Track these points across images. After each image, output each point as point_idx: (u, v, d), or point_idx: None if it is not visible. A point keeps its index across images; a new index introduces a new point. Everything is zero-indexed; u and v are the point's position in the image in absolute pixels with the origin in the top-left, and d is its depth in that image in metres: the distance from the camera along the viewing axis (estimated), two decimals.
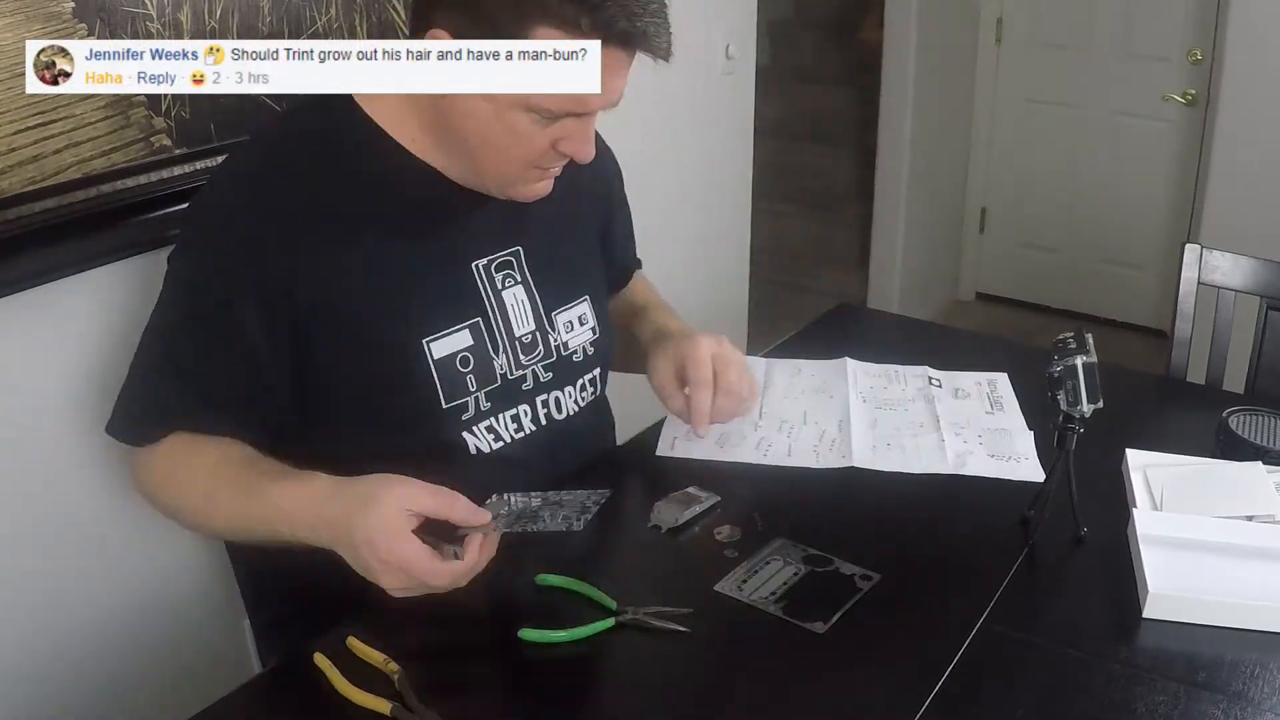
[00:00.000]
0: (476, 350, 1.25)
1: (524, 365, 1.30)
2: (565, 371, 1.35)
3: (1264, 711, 1.02)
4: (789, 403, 1.55)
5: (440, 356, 1.23)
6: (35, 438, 1.43)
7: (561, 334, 1.34)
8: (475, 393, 1.25)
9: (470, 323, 1.26)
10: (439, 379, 1.23)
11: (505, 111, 1.14)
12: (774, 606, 1.12)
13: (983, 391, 1.58)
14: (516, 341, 1.29)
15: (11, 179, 1.32)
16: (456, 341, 1.24)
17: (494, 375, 1.27)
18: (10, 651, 1.45)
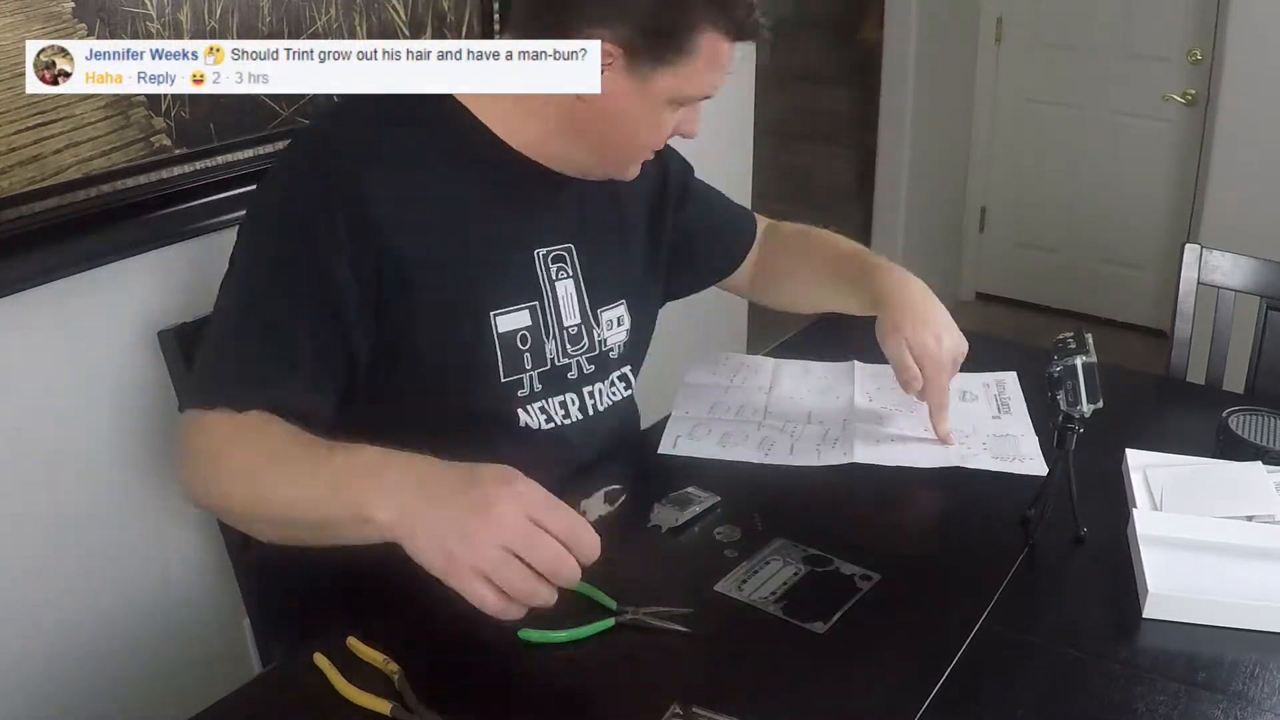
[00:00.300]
0: (533, 331, 1.30)
1: (570, 354, 1.34)
2: (603, 366, 1.39)
3: (1264, 711, 1.02)
4: (794, 403, 1.55)
5: (504, 331, 1.27)
6: (35, 438, 1.43)
7: (604, 330, 1.38)
8: (529, 371, 1.30)
9: (530, 304, 1.30)
10: (500, 351, 1.27)
11: (656, 106, 1.24)
12: (774, 606, 1.12)
13: (990, 394, 1.58)
14: (565, 331, 1.34)
15: (11, 179, 1.32)
16: (518, 320, 1.29)
17: (545, 359, 1.31)
18: (10, 651, 1.45)
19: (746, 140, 2.70)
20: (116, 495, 1.53)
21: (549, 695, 1.03)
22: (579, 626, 1.07)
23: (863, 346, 1.70)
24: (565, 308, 1.34)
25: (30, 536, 1.45)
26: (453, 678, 1.03)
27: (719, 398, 1.56)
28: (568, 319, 1.34)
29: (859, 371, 1.63)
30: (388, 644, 1.04)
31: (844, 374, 1.63)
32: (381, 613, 1.11)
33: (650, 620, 1.09)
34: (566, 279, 1.35)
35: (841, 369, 1.64)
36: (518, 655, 1.06)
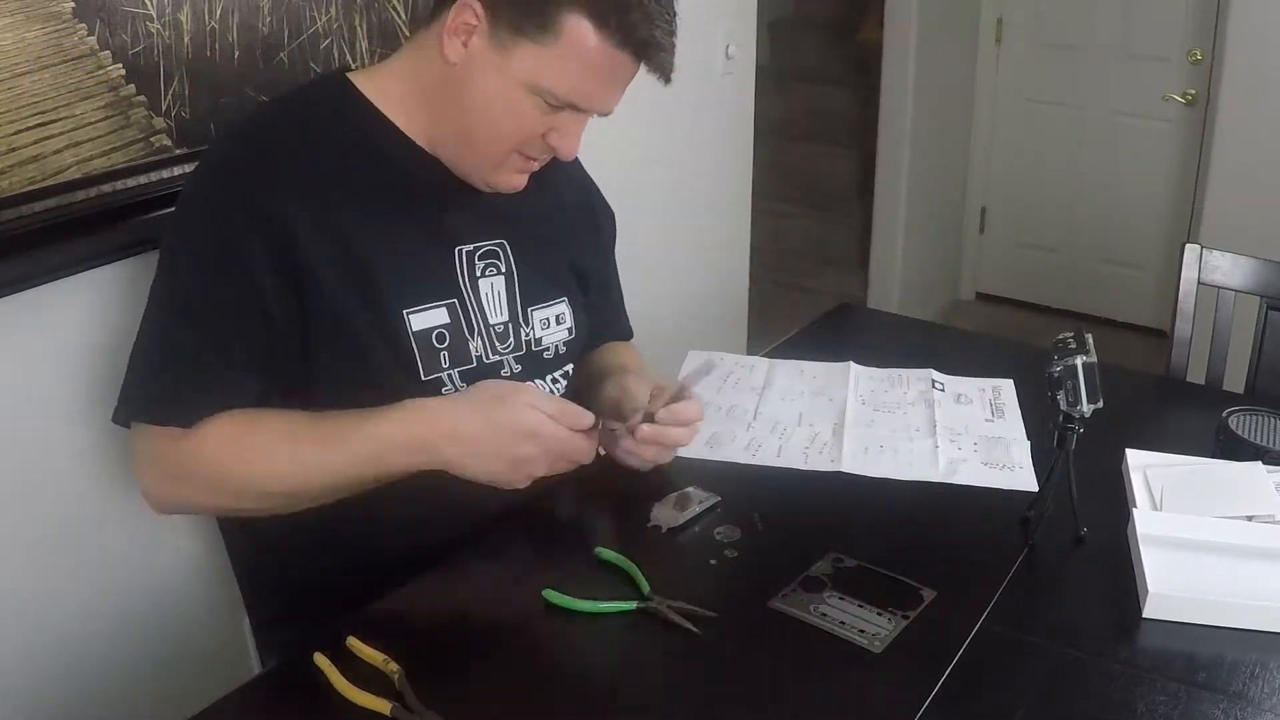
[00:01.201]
0: (453, 329, 1.28)
1: (499, 352, 1.33)
2: (535, 365, 1.37)
3: (1264, 711, 1.02)
4: (786, 404, 1.55)
5: (419, 329, 1.26)
6: (35, 437, 1.43)
7: (536, 329, 1.36)
8: (449, 369, 1.28)
9: (447, 302, 1.29)
10: (417, 350, 1.26)
11: (513, 88, 1.19)
12: (839, 627, 1.11)
13: (985, 398, 1.58)
14: (491, 329, 1.32)
15: (11, 179, 1.32)
16: (434, 317, 1.28)
17: (469, 356, 1.30)
18: (10, 651, 1.45)
19: (746, 140, 2.71)
20: (116, 495, 1.53)
21: (550, 696, 1.03)
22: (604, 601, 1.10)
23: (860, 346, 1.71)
24: (490, 305, 1.32)
25: (29, 537, 1.45)
26: (453, 678, 1.03)
27: (711, 398, 1.56)
28: (493, 316, 1.32)
29: (854, 372, 1.63)
30: (388, 644, 1.04)
31: (839, 374, 1.63)
32: (381, 613, 1.11)
33: (670, 614, 1.10)
34: (496, 275, 1.33)
35: (837, 369, 1.64)
36: (518, 656, 1.06)
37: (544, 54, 1.16)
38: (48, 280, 1.38)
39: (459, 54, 1.19)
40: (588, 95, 1.19)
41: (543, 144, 1.24)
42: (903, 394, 1.58)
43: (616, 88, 1.21)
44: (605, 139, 1.47)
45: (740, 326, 2.85)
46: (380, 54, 1.72)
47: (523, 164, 1.27)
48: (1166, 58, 3.80)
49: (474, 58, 1.19)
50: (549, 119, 1.21)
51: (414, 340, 1.25)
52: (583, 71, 1.17)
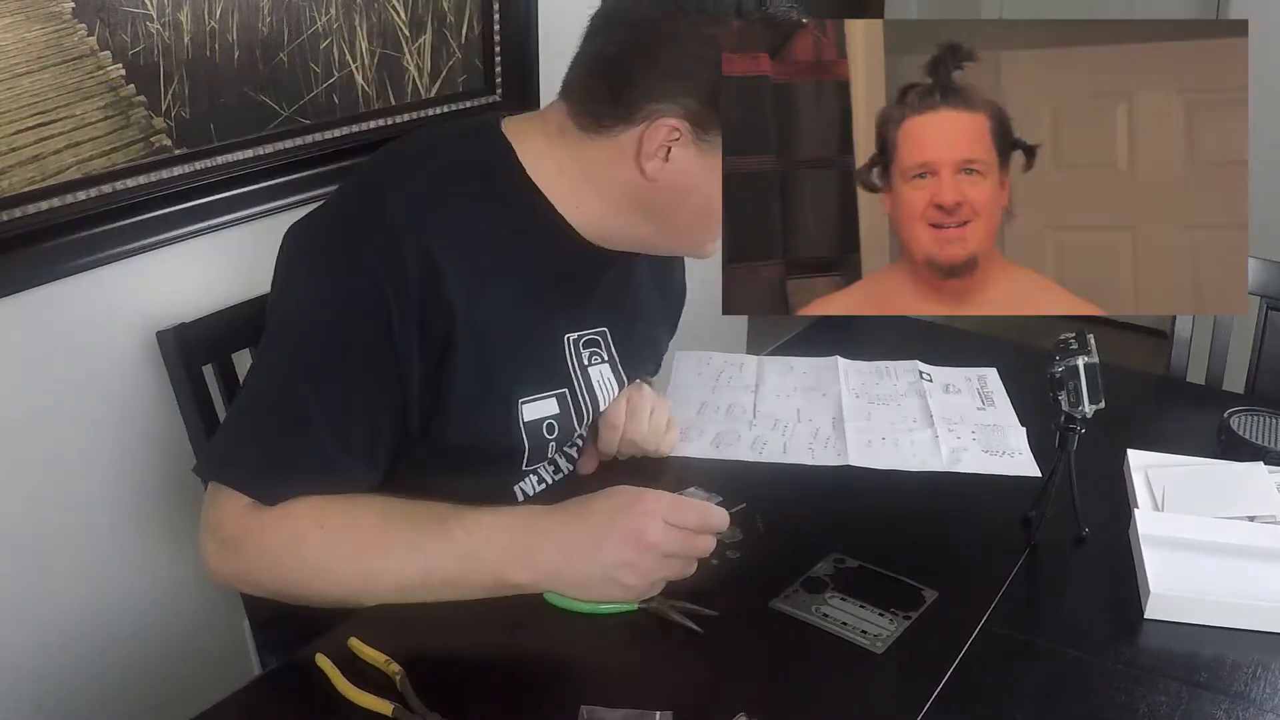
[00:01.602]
0: (561, 420, 1.26)
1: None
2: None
3: (1265, 712, 1.01)
4: (782, 401, 1.55)
5: (530, 419, 1.23)
6: (35, 438, 1.43)
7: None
8: (555, 456, 1.29)
9: (558, 392, 1.26)
10: (527, 439, 1.23)
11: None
12: (840, 628, 1.10)
13: (973, 387, 1.59)
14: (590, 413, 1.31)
15: (11, 179, 1.32)
16: (546, 407, 1.24)
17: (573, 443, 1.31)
18: (10, 651, 1.44)
19: None
20: (116, 496, 1.53)
21: (550, 697, 1.02)
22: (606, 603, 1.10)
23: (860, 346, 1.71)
24: (601, 392, 1.30)
25: (29, 537, 1.44)
26: (455, 679, 1.03)
27: (706, 398, 1.56)
28: (604, 403, 1.31)
29: (843, 366, 1.63)
30: (389, 645, 1.04)
31: (828, 369, 1.63)
32: (383, 613, 1.11)
33: (671, 613, 1.10)
34: (602, 364, 1.30)
35: (824, 364, 1.65)
36: (520, 657, 1.06)
37: None
38: (48, 280, 1.38)
39: (661, 169, 1.13)
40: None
41: None
42: (894, 385, 1.59)
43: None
44: None
45: (740, 326, 2.85)
46: (380, 54, 1.72)
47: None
48: None
49: (680, 167, 1.13)
50: None
51: (524, 430, 1.22)
52: None
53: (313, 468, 1.09)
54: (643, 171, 1.14)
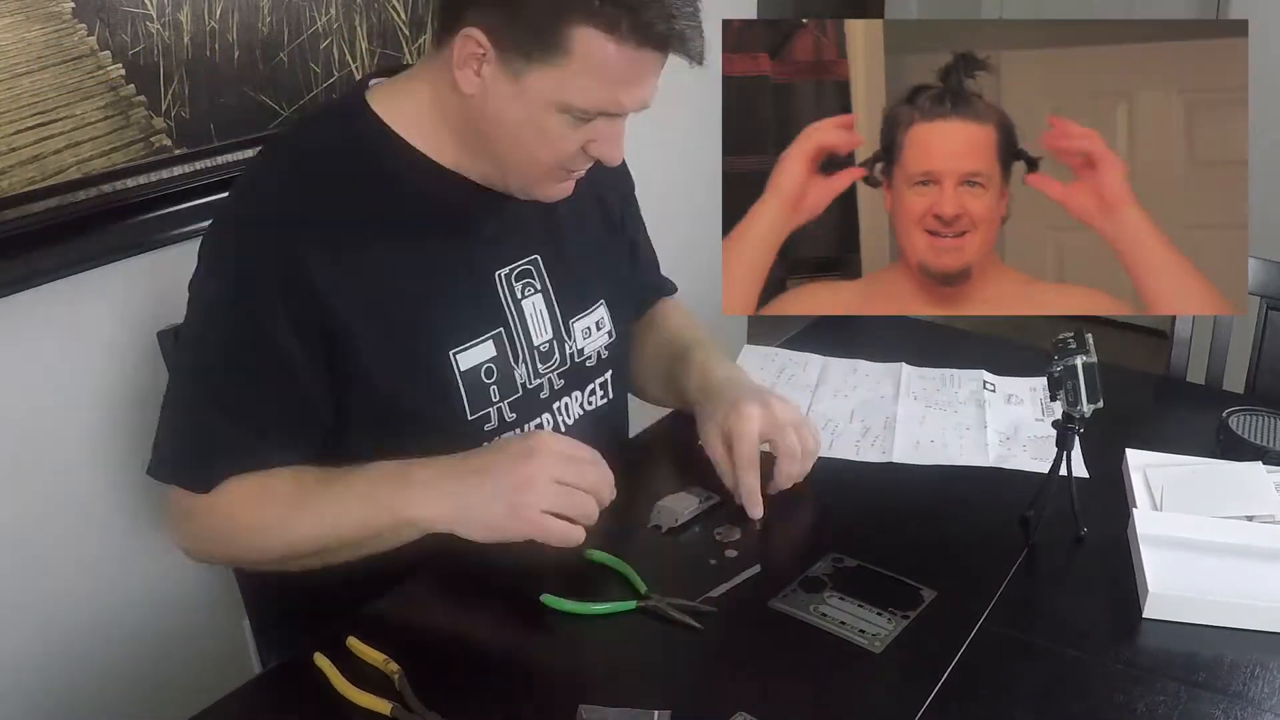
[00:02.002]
0: (499, 361, 1.25)
1: (541, 374, 1.30)
2: (577, 377, 1.34)
3: (1264, 712, 1.02)
4: (839, 401, 1.56)
5: (466, 368, 1.22)
6: (35, 438, 1.43)
7: (578, 340, 1.34)
8: (498, 403, 1.25)
9: (494, 333, 1.25)
10: (465, 391, 1.22)
11: (537, 111, 1.13)
12: (839, 627, 1.10)
13: (1036, 397, 1.58)
14: (535, 350, 1.29)
15: (11, 179, 1.32)
16: (481, 353, 1.24)
17: (515, 386, 1.27)
18: (10, 651, 1.45)
19: None
20: (116, 495, 1.53)
21: (550, 697, 1.02)
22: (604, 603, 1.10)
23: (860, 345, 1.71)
24: (535, 326, 1.28)
25: (29, 536, 1.45)
26: (453, 678, 1.03)
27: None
28: (538, 337, 1.29)
29: (906, 372, 1.64)
30: (388, 644, 1.04)
31: (891, 374, 1.64)
32: (381, 613, 1.11)
33: (671, 611, 1.10)
34: (534, 295, 1.28)
35: (889, 369, 1.65)
36: (519, 656, 1.06)
37: (559, 73, 1.09)
38: (48, 280, 1.38)
39: (474, 84, 1.14)
40: (617, 101, 1.12)
41: (584, 156, 1.18)
42: (954, 393, 1.59)
43: (647, 84, 1.14)
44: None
45: (740, 326, 2.85)
46: (380, 54, 1.72)
47: (566, 175, 1.22)
48: None
49: (490, 87, 1.13)
50: (584, 131, 1.15)
51: (461, 380, 1.22)
52: (606, 81, 1.10)
53: (232, 455, 1.16)
54: (457, 85, 1.14)
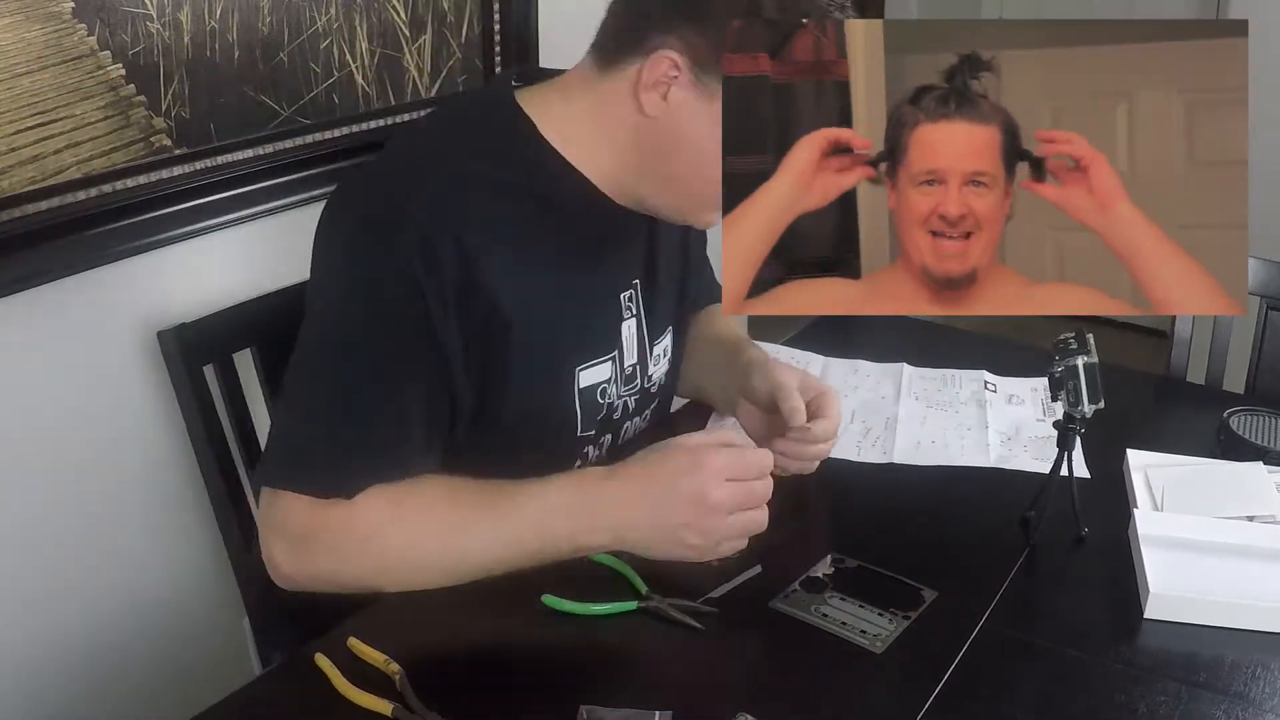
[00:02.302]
0: (613, 384, 1.26)
1: (623, 395, 1.31)
2: (644, 401, 1.35)
3: (1265, 712, 1.02)
4: (840, 401, 1.55)
5: (584, 386, 1.23)
6: (35, 438, 1.43)
7: (652, 364, 1.34)
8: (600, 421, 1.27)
9: (610, 355, 1.26)
10: (580, 408, 1.23)
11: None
12: (840, 628, 1.10)
13: (1037, 398, 1.58)
14: (623, 372, 1.30)
15: (11, 179, 1.32)
16: (599, 373, 1.24)
17: (613, 406, 1.29)
18: (11, 651, 1.45)
19: None
20: (116, 496, 1.53)
21: (550, 697, 1.02)
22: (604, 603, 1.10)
23: (860, 345, 1.71)
24: (628, 349, 1.29)
25: (29, 537, 1.45)
26: (454, 678, 1.03)
27: None
28: (628, 360, 1.29)
29: (907, 372, 1.64)
30: (389, 645, 1.04)
31: (891, 374, 1.64)
32: (383, 613, 1.11)
33: (671, 611, 1.10)
34: (631, 318, 1.29)
35: (890, 369, 1.65)
36: (519, 657, 1.06)
37: None
38: (48, 280, 1.38)
39: (659, 107, 1.12)
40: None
41: None
42: (955, 393, 1.59)
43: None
44: None
45: (740, 326, 2.85)
46: (380, 54, 1.72)
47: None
48: None
49: (677, 108, 1.11)
50: None
51: (579, 398, 1.22)
52: None
53: (377, 458, 1.09)
54: (641, 107, 1.12)
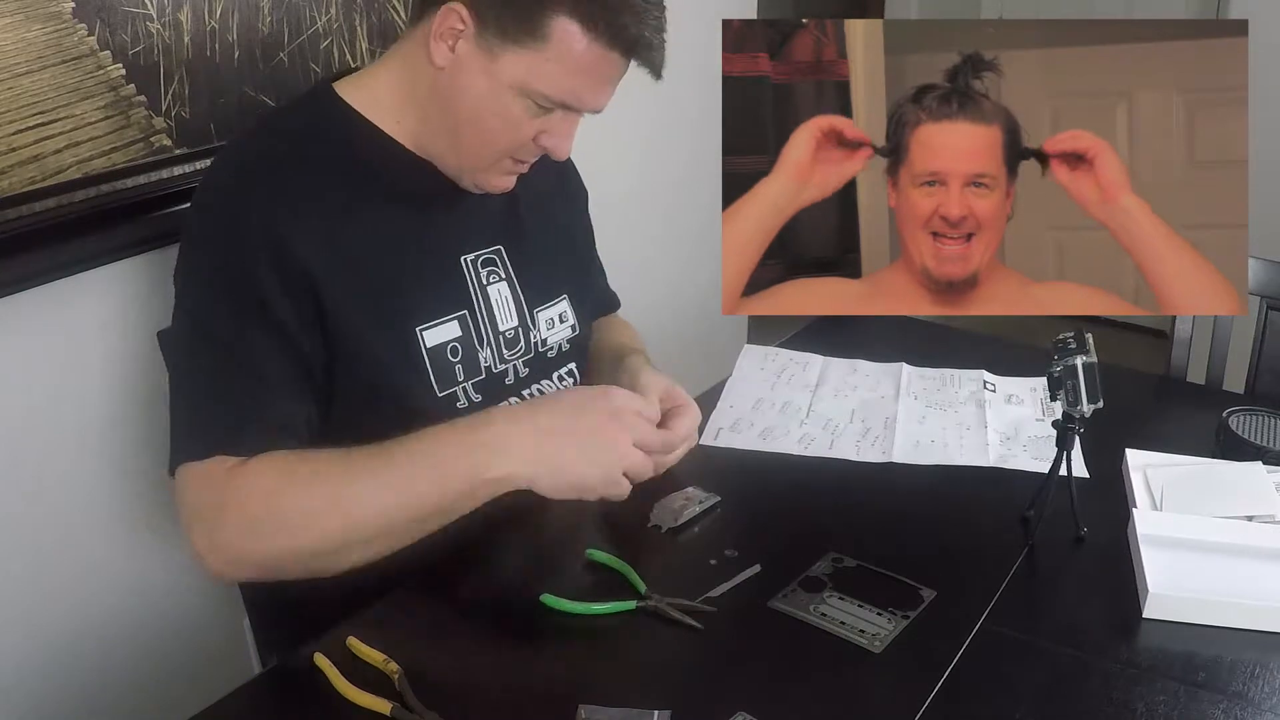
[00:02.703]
0: (464, 341, 1.28)
1: (507, 360, 1.33)
2: (541, 366, 1.38)
3: (1264, 712, 1.02)
4: (839, 400, 1.57)
5: (432, 345, 1.26)
6: (35, 437, 1.43)
7: (542, 330, 1.37)
8: (463, 382, 1.28)
9: (459, 314, 1.29)
10: (431, 366, 1.25)
11: (502, 92, 1.17)
12: (839, 627, 1.10)
13: (1036, 397, 1.58)
14: (500, 336, 1.32)
15: (11, 179, 1.32)
16: (446, 331, 1.27)
17: (479, 368, 1.30)
18: (10, 651, 1.45)
19: None
20: (116, 495, 1.53)
21: (549, 696, 1.02)
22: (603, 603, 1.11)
23: (859, 345, 1.71)
24: (500, 312, 1.32)
25: (29, 537, 1.45)
26: (453, 678, 1.03)
27: (764, 394, 1.58)
28: (504, 323, 1.33)
29: (906, 372, 1.64)
30: (388, 644, 1.04)
31: (891, 374, 1.64)
32: (382, 613, 1.11)
33: (670, 611, 1.10)
34: (499, 282, 1.33)
35: (889, 369, 1.65)
36: (519, 656, 1.06)
37: (532, 57, 1.15)
38: (48, 280, 1.38)
39: (446, 58, 1.18)
40: (579, 96, 1.19)
41: (534, 147, 1.23)
42: (954, 393, 1.59)
43: (607, 86, 1.20)
44: (604, 139, 1.47)
45: (740, 326, 2.85)
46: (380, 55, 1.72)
47: (513, 166, 1.26)
48: None
49: (462, 62, 1.18)
50: (540, 121, 1.20)
51: (427, 356, 1.25)
52: (572, 73, 1.16)
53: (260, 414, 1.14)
54: (431, 57, 1.18)
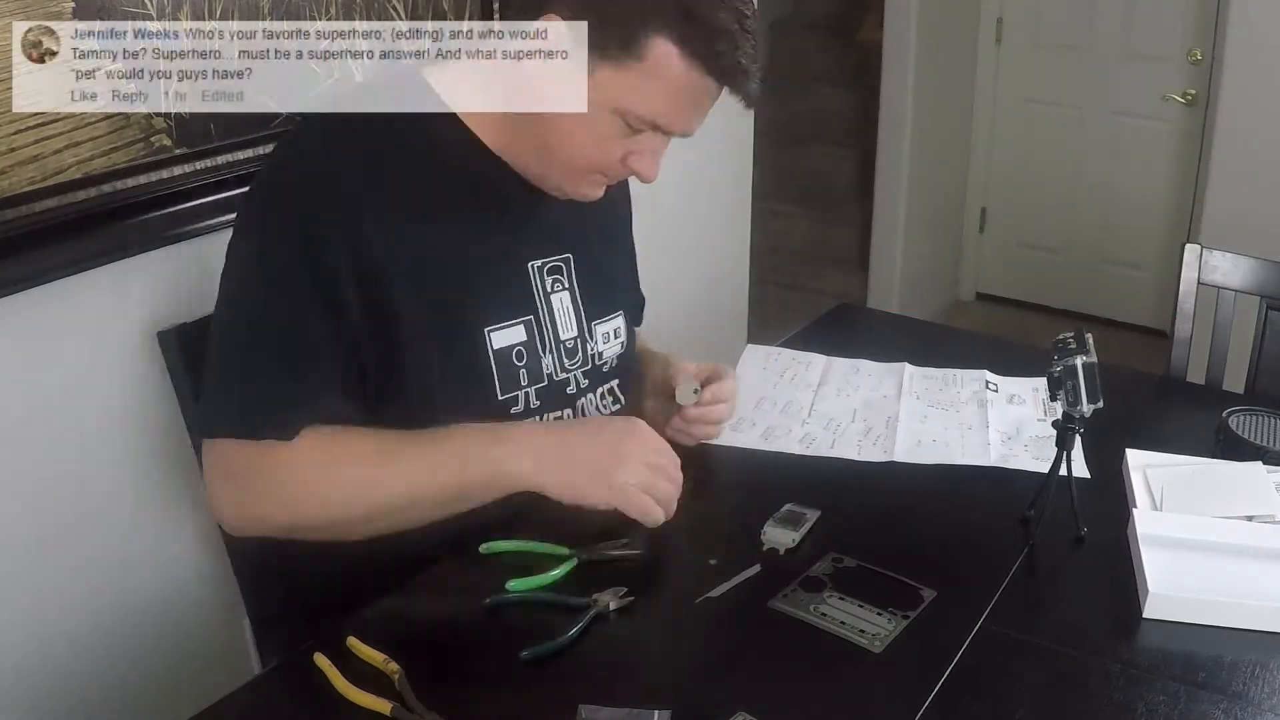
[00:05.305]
0: (529, 346, 1.28)
1: (567, 369, 1.32)
2: (596, 379, 1.37)
3: (1264, 712, 1.02)
4: (841, 400, 1.57)
5: (499, 347, 1.25)
6: (35, 438, 1.43)
7: (599, 344, 1.37)
8: (526, 388, 1.28)
9: (525, 319, 1.28)
10: (496, 369, 1.25)
11: (596, 109, 1.15)
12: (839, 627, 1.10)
13: (1038, 397, 1.58)
14: (562, 345, 1.32)
15: (11, 179, 1.32)
16: (513, 335, 1.27)
17: (542, 374, 1.30)
18: (10, 651, 1.45)
19: (746, 141, 2.70)
20: (116, 495, 1.53)
21: (549, 696, 1.02)
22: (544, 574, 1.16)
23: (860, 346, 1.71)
24: (562, 321, 1.32)
25: (30, 537, 1.45)
26: (453, 677, 1.03)
27: (766, 393, 1.58)
28: (564, 332, 1.32)
29: (908, 372, 1.64)
30: (388, 644, 1.04)
31: (893, 374, 1.64)
32: (382, 613, 1.11)
33: (609, 553, 1.17)
34: (562, 291, 1.32)
35: (891, 369, 1.65)
36: (518, 655, 1.06)
37: (628, 77, 1.13)
38: (48, 280, 1.38)
39: (538, 69, 1.15)
40: (670, 118, 1.16)
41: (621, 168, 1.21)
42: (956, 393, 1.59)
43: (700, 111, 1.18)
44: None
45: (740, 326, 2.85)
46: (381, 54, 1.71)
47: (601, 181, 1.24)
48: (1166, 58, 3.80)
49: (553, 74, 1.14)
50: (629, 142, 1.18)
51: (494, 359, 1.24)
52: (666, 95, 1.14)
53: (305, 400, 1.15)
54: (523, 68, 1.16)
